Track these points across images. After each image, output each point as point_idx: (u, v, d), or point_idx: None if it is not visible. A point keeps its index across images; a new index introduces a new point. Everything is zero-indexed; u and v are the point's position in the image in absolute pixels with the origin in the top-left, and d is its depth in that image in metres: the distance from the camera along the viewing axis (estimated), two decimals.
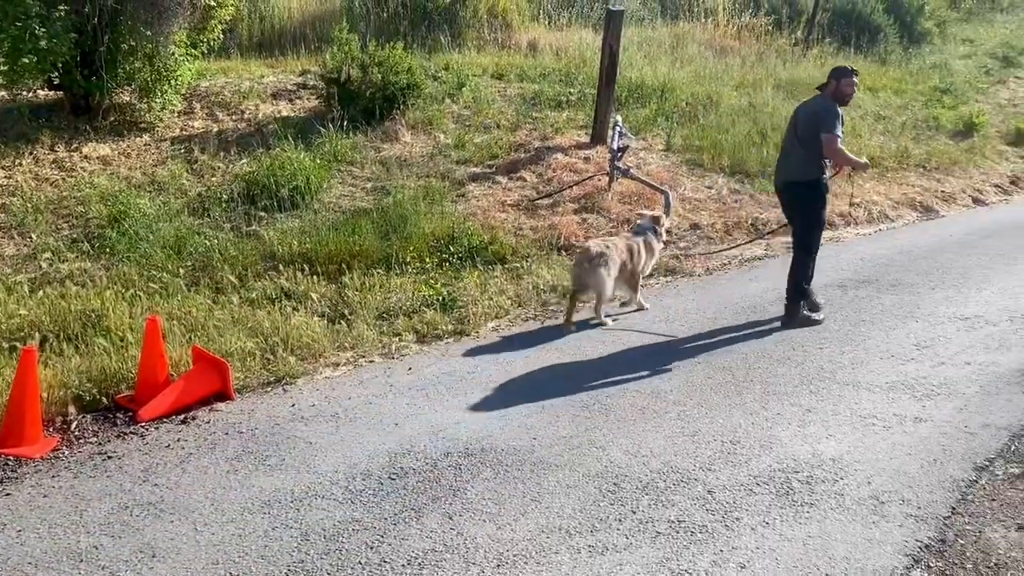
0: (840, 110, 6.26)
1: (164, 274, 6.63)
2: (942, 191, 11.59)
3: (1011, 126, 14.53)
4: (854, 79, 6.36)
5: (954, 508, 3.82)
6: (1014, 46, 19.05)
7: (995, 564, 3.39)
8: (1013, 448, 4.39)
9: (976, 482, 4.06)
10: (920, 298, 7.07)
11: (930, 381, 5.29)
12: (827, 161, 6.34)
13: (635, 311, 6.77)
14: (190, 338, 5.75)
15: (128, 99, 9.33)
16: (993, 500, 3.89)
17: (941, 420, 4.73)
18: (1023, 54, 18.74)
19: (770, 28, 16.09)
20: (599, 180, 9.37)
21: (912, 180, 11.70)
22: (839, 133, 6.16)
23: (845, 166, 6.77)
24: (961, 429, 4.61)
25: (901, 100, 14.68)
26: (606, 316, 6.51)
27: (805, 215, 6.46)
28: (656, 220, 7.04)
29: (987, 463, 4.24)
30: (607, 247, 6.45)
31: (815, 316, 6.49)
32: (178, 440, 4.61)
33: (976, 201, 11.71)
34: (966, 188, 11.96)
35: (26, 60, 7.73)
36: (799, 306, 6.43)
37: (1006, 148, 13.92)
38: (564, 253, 7.92)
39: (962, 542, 3.54)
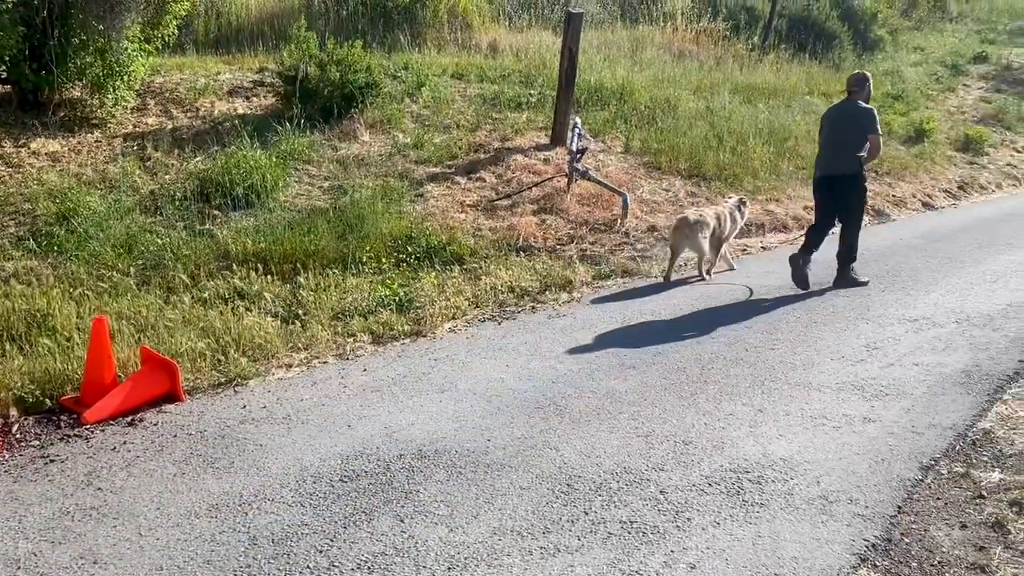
0: None
1: (114, 273, 6.51)
2: (894, 195, 11.82)
3: (959, 132, 14.87)
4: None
5: (900, 507, 3.87)
6: (962, 54, 19.51)
7: (939, 563, 3.44)
8: (958, 448, 4.47)
9: (922, 481, 4.12)
10: (870, 300, 7.18)
11: (879, 382, 5.38)
12: (863, 155, 7.43)
13: (725, 271, 8.21)
14: (139, 338, 5.64)
15: (79, 94, 9.13)
16: (938, 499, 3.95)
17: (889, 420, 4.81)
18: (971, 62, 19.20)
19: (728, 33, 16.28)
20: (558, 181, 9.40)
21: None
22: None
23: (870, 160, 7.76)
24: (908, 429, 4.68)
25: None
26: (707, 273, 7.95)
27: (858, 199, 7.61)
28: (742, 201, 8.47)
29: (933, 462, 4.31)
30: (701, 215, 7.78)
31: (861, 279, 7.65)
32: (124, 443, 4.51)
33: (926, 205, 11.96)
34: (916, 192, 12.22)
35: None
36: (851, 269, 7.64)
37: (954, 154, 14.24)
38: (523, 254, 7.93)
39: (908, 541, 3.59)
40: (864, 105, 7.47)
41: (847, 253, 7.62)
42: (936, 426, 4.72)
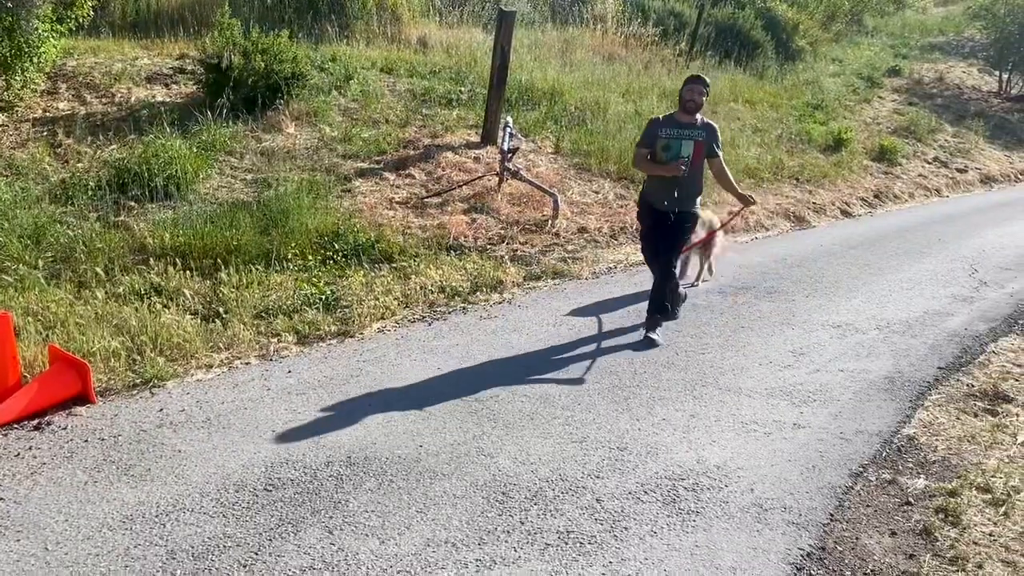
0: (657, 121, 6.30)
1: (20, 266, 6.13)
2: (813, 203, 12.10)
3: (875, 143, 15.34)
4: (693, 86, 6.22)
5: (832, 515, 3.91)
6: (877, 67, 20.17)
7: (872, 571, 3.48)
8: (884, 454, 4.56)
9: (852, 488, 4.18)
10: (795, 305, 7.31)
11: (806, 388, 5.45)
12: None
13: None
14: (47, 336, 5.32)
15: None
16: (868, 506, 4.01)
17: (818, 426, 4.87)
18: (886, 75, 19.87)
19: (656, 38, 16.43)
20: (489, 180, 9.29)
21: (786, 191, 12.16)
22: (641, 146, 6.33)
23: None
24: (837, 435, 4.75)
25: (776, 114, 15.26)
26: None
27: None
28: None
29: (861, 469, 4.38)
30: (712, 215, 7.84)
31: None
32: (30, 448, 4.22)
33: (844, 213, 12.28)
34: (835, 200, 12.53)
35: None
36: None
37: (871, 163, 14.67)
38: (453, 253, 7.80)
39: (840, 549, 3.63)
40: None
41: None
42: (863, 432, 4.80)
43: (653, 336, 6.22)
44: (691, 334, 6.43)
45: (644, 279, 7.98)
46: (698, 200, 6.36)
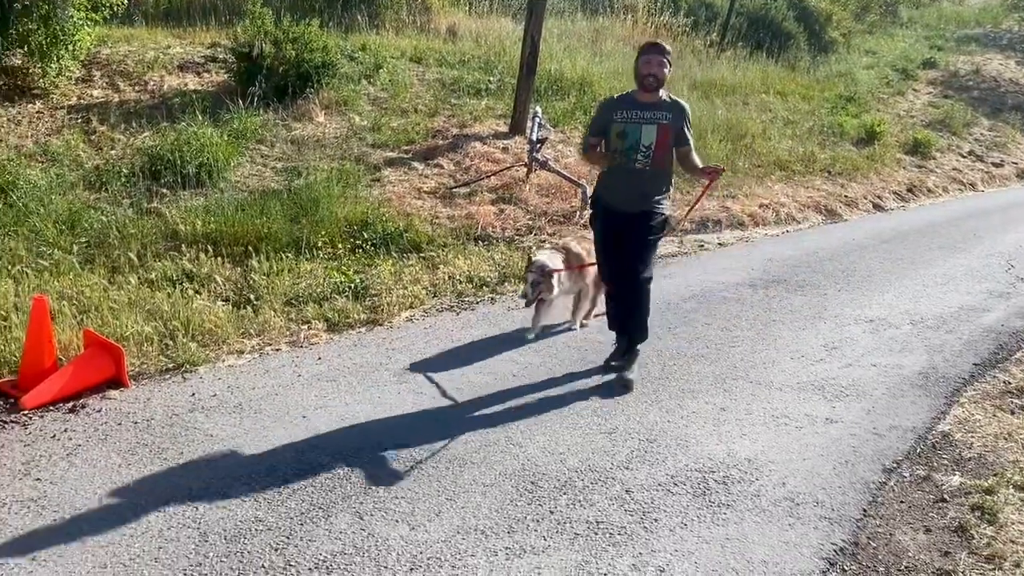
0: (611, 102, 5.15)
1: (55, 251, 6.21)
2: (845, 196, 11.96)
3: (908, 136, 15.14)
4: (650, 57, 4.92)
5: (865, 510, 3.86)
6: (912, 59, 19.89)
7: (906, 567, 3.43)
8: (919, 450, 4.50)
9: (885, 484, 4.12)
10: (827, 299, 7.23)
11: (839, 382, 5.39)
12: None
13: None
14: (82, 320, 5.38)
15: (20, 62, 8.71)
16: (902, 502, 3.95)
17: (850, 421, 4.81)
18: (920, 68, 19.58)
19: (687, 29, 16.31)
20: (517, 171, 9.28)
21: (818, 184, 12.03)
22: (590, 134, 5.27)
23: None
24: (870, 431, 4.69)
25: (808, 106, 15.11)
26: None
27: None
28: None
29: (895, 465, 4.32)
30: None
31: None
32: (65, 430, 4.27)
33: (876, 207, 12.13)
34: (867, 194, 12.38)
35: None
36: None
37: (904, 156, 14.49)
38: (481, 244, 7.79)
39: (874, 545, 3.58)
40: None
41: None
42: (897, 428, 4.74)
43: (631, 376, 5.14)
44: (721, 327, 6.38)
45: (675, 269, 7.94)
46: (668, 198, 5.16)
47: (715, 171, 5.06)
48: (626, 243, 5.06)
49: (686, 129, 5.00)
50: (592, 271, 5.95)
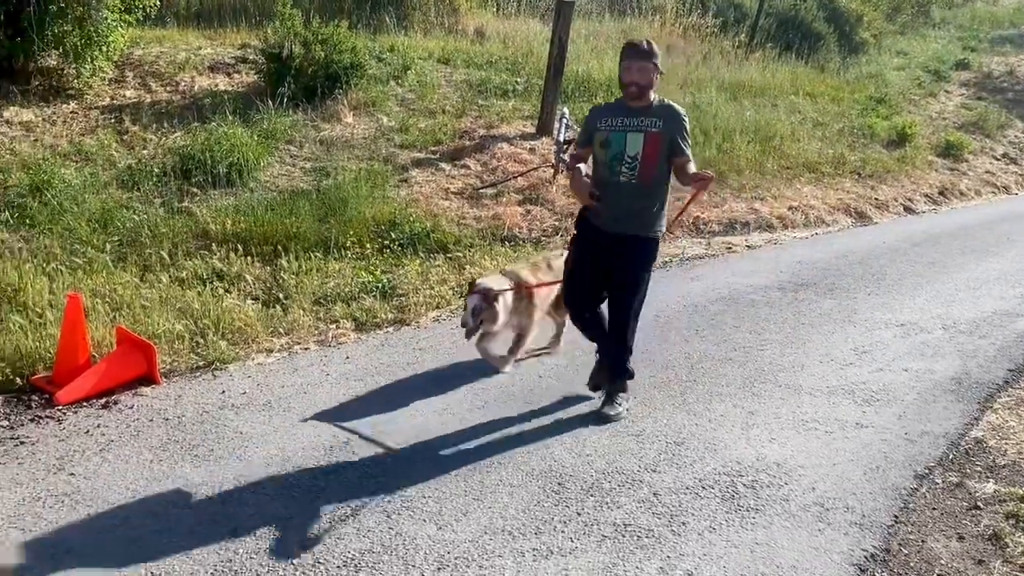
0: (599, 109, 4.75)
1: (88, 249, 6.28)
2: (875, 198, 11.82)
3: (940, 138, 14.92)
4: (630, 63, 4.46)
5: (897, 517, 3.82)
6: (944, 60, 19.60)
7: (938, 575, 3.39)
8: (951, 457, 4.44)
9: (917, 490, 4.07)
10: (857, 303, 7.15)
11: (869, 387, 5.33)
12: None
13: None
14: (114, 317, 5.44)
15: (55, 63, 8.83)
16: (934, 509, 3.91)
17: (881, 426, 4.76)
18: (953, 69, 19.31)
19: (716, 30, 16.20)
20: (544, 172, 9.26)
21: (847, 186, 11.90)
22: (578, 145, 4.76)
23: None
24: (901, 436, 4.64)
25: (838, 107, 14.94)
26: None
27: None
28: None
29: (927, 471, 4.27)
30: None
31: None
32: (98, 426, 4.33)
33: (907, 210, 11.98)
34: (898, 196, 12.23)
35: None
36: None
37: (935, 159, 14.29)
38: (507, 244, 7.80)
39: (906, 552, 3.54)
40: None
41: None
42: (929, 434, 4.68)
43: (611, 412, 4.67)
44: (750, 330, 6.33)
45: (703, 271, 7.89)
46: (662, 218, 4.59)
47: (704, 178, 4.33)
48: (616, 274, 4.55)
49: (681, 138, 4.44)
50: (539, 307, 5.32)
